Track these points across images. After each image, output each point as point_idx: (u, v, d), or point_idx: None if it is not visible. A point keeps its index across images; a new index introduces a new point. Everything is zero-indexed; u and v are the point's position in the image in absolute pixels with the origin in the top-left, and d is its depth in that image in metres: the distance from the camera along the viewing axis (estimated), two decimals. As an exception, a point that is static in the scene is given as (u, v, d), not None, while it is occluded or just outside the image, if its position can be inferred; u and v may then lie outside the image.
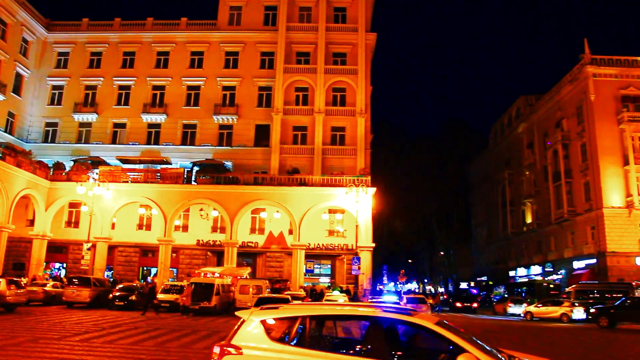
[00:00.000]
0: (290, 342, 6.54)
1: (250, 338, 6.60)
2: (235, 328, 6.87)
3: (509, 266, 67.62)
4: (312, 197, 43.33)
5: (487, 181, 77.77)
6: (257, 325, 6.68)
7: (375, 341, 6.35)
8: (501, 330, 26.68)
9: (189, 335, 19.27)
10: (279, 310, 7.01)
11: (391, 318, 6.67)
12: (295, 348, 6.42)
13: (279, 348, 6.44)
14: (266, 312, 6.95)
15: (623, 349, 20.06)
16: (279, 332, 6.73)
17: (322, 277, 47.39)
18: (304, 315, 6.78)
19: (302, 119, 48.91)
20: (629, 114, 47.45)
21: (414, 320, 6.58)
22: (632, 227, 46.04)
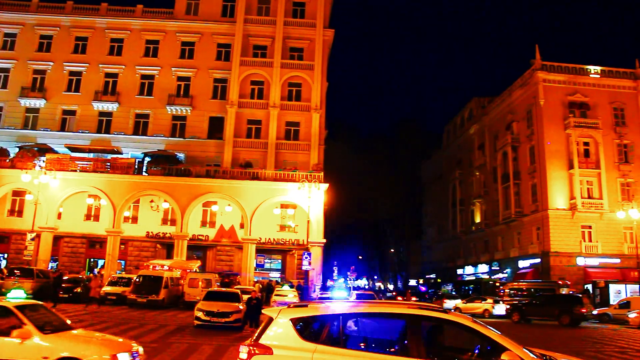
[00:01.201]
0: (323, 341, 6.34)
1: (281, 337, 6.41)
2: (262, 327, 6.70)
3: (458, 264, 69.13)
4: (264, 191, 43.34)
5: (439, 181, 79.19)
6: (286, 324, 6.48)
7: (413, 340, 6.20)
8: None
9: (135, 329, 19.13)
10: (308, 309, 6.88)
11: (429, 316, 6.55)
12: (329, 347, 6.26)
13: (312, 347, 6.22)
14: (296, 310, 6.78)
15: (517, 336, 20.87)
16: (311, 331, 6.54)
17: (273, 272, 47.44)
18: (336, 314, 6.63)
19: (257, 113, 48.75)
20: (575, 119, 49.09)
21: (454, 318, 6.56)
22: (575, 228, 47.76)
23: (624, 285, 45.95)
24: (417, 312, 6.53)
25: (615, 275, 46.38)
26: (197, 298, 26.22)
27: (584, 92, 50.60)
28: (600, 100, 50.59)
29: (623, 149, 50.14)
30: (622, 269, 46.43)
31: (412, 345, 6.13)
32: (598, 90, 50.91)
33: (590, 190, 48.63)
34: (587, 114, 50.02)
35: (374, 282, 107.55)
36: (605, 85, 51.12)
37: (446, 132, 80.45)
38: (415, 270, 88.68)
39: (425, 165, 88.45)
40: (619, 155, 49.87)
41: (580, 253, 47.18)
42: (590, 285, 46.22)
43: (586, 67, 51.55)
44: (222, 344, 16.54)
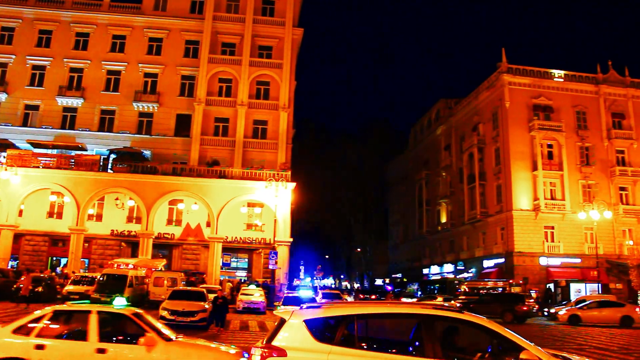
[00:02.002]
0: (338, 342, 6.27)
1: (294, 339, 6.32)
2: (275, 329, 6.59)
3: (423, 264, 69.72)
4: (231, 189, 43.13)
5: (406, 181, 79.74)
6: (300, 326, 6.40)
7: (428, 340, 6.18)
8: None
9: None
10: (322, 310, 6.77)
11: (444, 316, 6.54)
12: (344, 348, 6.19)
13: (327, 349, 6.16)
14: (309, 312, 6.69)
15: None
16: (325, 332, 6.46)
17: (239, 271, 47.24)
18: (350, 314, 6.55)
19: (225, 111, 48.47)
20: (539, 122, 50.02)
21: (469, 318, 6.54)
22: (538, 228, 48.68)
23: (584, 284, 47.22)
24: (432, 312, 6.53)
25: (576, 275, 47.47)
26: (162, 297, 25.96)
27: (548, 95, 51.62)
28: (563, 104, 51.67)
29: (585, 151, 51.28)
30: (583, 269, 47.48)
31: (427, 346, 6.13)
32: (561, 93, 51.98)
33: (553, 191, 49.64)
34: (551, 116, 51.05)
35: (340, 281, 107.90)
36: (568, 89, 52.22)
37: (413, 132, 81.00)
38: (381, 269, 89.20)
39: (392, 165, 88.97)
40: (580, 157, 51.01)
41: (543, 253, 48.10)
42: (552, 284, 47.21)
43: (550, 71, 52.58)
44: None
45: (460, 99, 62.85)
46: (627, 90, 53.19)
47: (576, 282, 47.40)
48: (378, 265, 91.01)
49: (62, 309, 9.50)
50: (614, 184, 51.03)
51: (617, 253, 48.62)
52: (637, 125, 52.74)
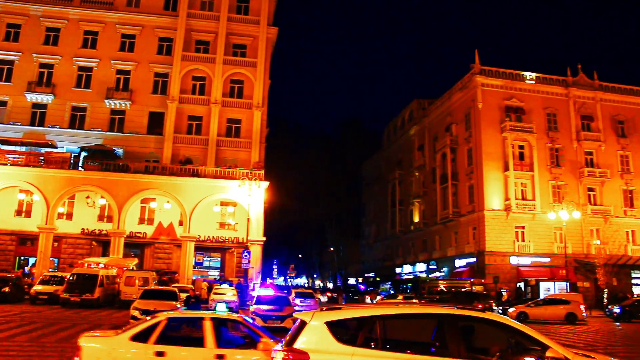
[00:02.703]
0: (360, 344, 6.21)
1: (317, 341, 6.22)
2: (295, 331, 6.51)
3: (396, 263, 70.10)
4: (204, 188, 42.90)
5: (379, 180, 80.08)
6: (321, 328, 6.30)
7: (452, 340, 6.15)
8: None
9: (67, 329, 18.54)
10: (343, 312, 6.70)
11: (467, 315, 6.53)
12: (367, 350, 6.14)
13: (350, 351, 6.09)
14: (330, 313, 6.60)
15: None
16: (347, 334, 6.38)
17: (212, 270, 46.99)
18: (372, 316, 6.47)
19: (198, 109, 48.15)
20: (510, 123, 50.65)
21: (492, 317, 6.54)
22: (509, 228, 49.31)
23: (553, 283, 48.01)
24: (456, 312, 6.51)
25: (545, 274, 48.22)
26: (134, 297, 25.68)
27: (519, 97, 52.31)
28: (534, 106, 52.43)
29: (555, 152, 52.10)
30: (552, 268, 48.25)
31: (452, 346, 6.10)
32: (533, 95, 52.73)
33: (524, 191, 50.32)
34: (523, 118, 51.75)
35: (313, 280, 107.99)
36: (539, 92, 53.00)
37: (387, 132, 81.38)
38: (354, 268, 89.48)
39: (366, 165, 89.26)
40: (551, 158, 51.81)
41: (513, 252, 48.74)
42: (523, 283, 47.91)
43: (522, 73, 53.29)
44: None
45: (434, 99, 63.29)
46: (596, 93, 54.22)
47: (545, 281, 48.14)
48: (351, 265, 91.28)
49: (177, 316, 9.56)
50: (583, 185, 51.97)
51: (585, 252, 49.50)
52: (605, 128, 53.82)
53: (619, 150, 54.18)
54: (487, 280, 47.14)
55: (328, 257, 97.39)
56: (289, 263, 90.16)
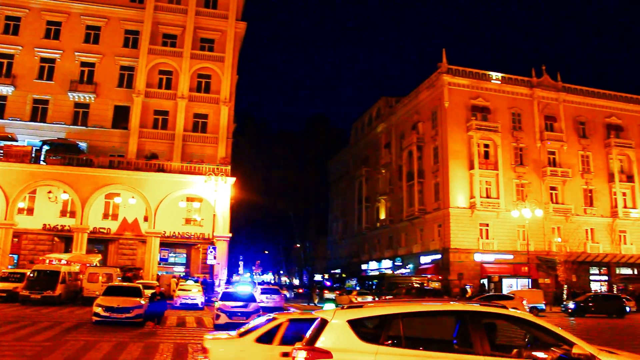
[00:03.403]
0: (384, 342, 6.09)
1: (339, 340, 6.10)
2: (316, 330, 6.41)
3: (362, 260, 70.47)
4: (170, 184, 42.46)
5: (346, 177, 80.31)
6: (343, 326, 6.18)
7: (476, 336, 6.06)
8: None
9: (27, 327, 18.16)
10: (365, 310, 6.59)
11: (491, 312, 6.48)
12: (392, 348, 6.02)
13: (373, 349, 5.98)
14: (352, 312, 6.49)
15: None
16: (369, 332, 6.28)
17: (177, 266, 46.44)
18: (395, 313, 6.35)
19: (165, 103, 47.54)
20: (476, 122, 51.34)
21: (516, 314, 6.50)
22: (473, 226, 50.02)
23: (515, 279, 48.93)
24: (479, 309, 6.49)
25: (509, 271, 49.14)
26: (97, 293, 25.23)
27: (485, 97, 53.05)
28: (500, 105, 53.25)
29: (519, 152, 53.03)
30: (515, 264, 49.26)
31: (476, 342, 6.02)
32: (498, 95, 53.56)
33: (488, 190, 51.09)
34: (488, 117, 52.52)
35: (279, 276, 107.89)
36: (504, 92, 53.86)
37: (354, 129, 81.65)
38: (321, 265, 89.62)
39: (333, 162, 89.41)
40: (515, 157, 52.71)
41: (478, 249, 49.47)
42: (486, 279, 48.64)
43: (488, 73, 54.06)
44: (122, 340, 16.03)
45: (401, 97, 63.70)
46: (559, 95, 55.36)
47: (509, 278, 49.02)
48: (317, 261, 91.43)
49: (297, 317, 9.62)
50: (545, 184, 53.04)
51: (546, 250, 50.53)
52: (567, 128, 55.01)
53: (580, 150, 55.51)
54: (451, 277, 47.81)
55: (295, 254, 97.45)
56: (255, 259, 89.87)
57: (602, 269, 52.53)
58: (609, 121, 57.24)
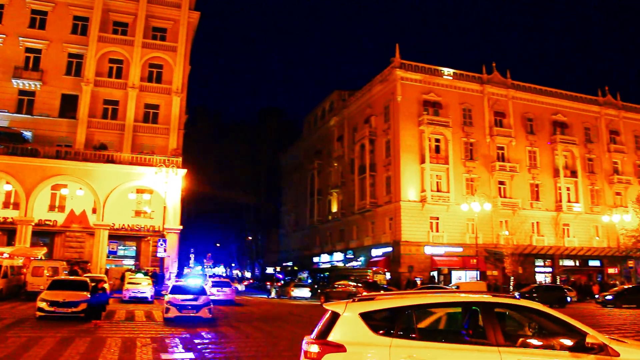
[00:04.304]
0: (397, 334, 6.04)
1: (352, 333, 6.04)
2: (327, 323, 6.32)
3: (314, 252, 70.67)
4: (119, 175, 41.60)
5: (298, 170, 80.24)
6: (355, 319, 6.13)
7: (489, 327, 6.03)
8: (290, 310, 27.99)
9: (-34, 322, 17.50)
10: (377, 302, 6.50)
11: (503, 302, 6.48)
12: (405, 340, 5.97)
13: (387, 342, 5.92)
14: (364, 304, 6.41)
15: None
16: (382, 325, 6.22)
17: (127, 259, 45.54)
18: (408, 305, 6.31)
19: (115, 93, 46.42)
20: (428, 117, 52.00)
21: (528, 304, 6.47)
22: (424, 219, 50.71)
23: (464, 271, 50.14)
24: (491, 300, 6.46)
25: (458, 263, 50.17)
26: (41, 288, 24.55)
27: (437, 92, 53.76)
28: (451, 101, 54.08)
29: (469, 146, 54.03)
30: (464, 257, 50.27)
31: (489, 333, 5.99)
32: (450, 91, 54.38)
33: (439, 183, 51.88)
34: (440, 112, 53.25)
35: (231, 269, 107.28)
36: (456, 87, 54.72)
37: (307, 122, 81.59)
38: (273, 258, 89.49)
39: (286, 155, 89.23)
40: (465, 152, 53.68)
41: (428, 242, 50.20)
42: (436, 272, 49.53)
43: (440, 68, 54.80)
44: (67, 335, 15.63)
45: (354, 91, 63.94)
46: (508, 91, 56.65)
47: (458, 270, 50.19)
48: (270, 254, 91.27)
49: None
50: (494, 178, 54.23)
51: (494, 243, 51.70)
52: (515, 124, 56.36)
53: (528, 146, 57.03)
54: (402, 269, 48.43)
55: (247, 246, 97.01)
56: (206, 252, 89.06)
57: (546, 260, 54.15)
58: (555, 118, 59.01)
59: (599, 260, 56.24)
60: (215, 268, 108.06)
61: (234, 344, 15.54)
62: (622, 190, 60.48)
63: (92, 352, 13.11)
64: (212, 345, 15.09)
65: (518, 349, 5.93)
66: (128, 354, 13.01)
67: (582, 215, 57.41)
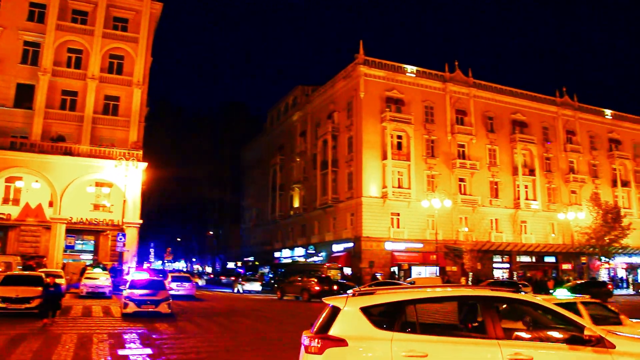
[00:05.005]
0: (399, 328, 6.07)
1: (353, 328, 6.05)
2: (327, 318, 6.28)
3: (275, 247, 70.53)
4: (78, 168, 40.73)
5: (261, 165, 79.92)
6: (356, 314, 6.13)
7: (489, 321, 6.10)
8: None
9: None
10: (377, 297, 6.49)
11: (502, 297, 6.51)
12: (406, 334, 6.01)
13: (388, 336, 5.94)
14: (364, 299, 6.38)
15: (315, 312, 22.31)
16: (383, 319, 6.23)
17: (85, 254, 44.66)
18: (408, 300, 6.34)
19: (74, 84, 45.29)
20: (390, 113, 52.36)
21: (527, 298, 6.59)
22: (385, 215, 51.10)
23: (424, 267, 50.78)
24: (491, 294, 6.51)
25: (418, 259, 50.79)
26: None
27: (400, 89, 54.18)
28: (414, 98, 54.56)
29: (430, 144, 54.64)
30: (424, 253, 50.90)
31: (489, 326, 6.07)
32: (413, 88, 54.86)
33: (400, 180, 52.32)
34: (402, 109, 53.68)
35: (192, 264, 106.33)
36: (419, 85, 55.24)
37: (270, 117, 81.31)
38: (234, 253, 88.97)
39: (248, 149, 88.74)
40: (426, 149, 54.27)
41: (389, 238, 50.63)
42: (396, 267, 50.02)
43: (404, 66, 55.22)
44: (20, 332, 15.27)
45: (318, 86, 63.92)
46: (470, 90, 57.50)
47: (418, 266, 50.80)
48: (231, 249, 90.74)
49: None
50: (455, 175, 55.00)
51: (454, 239, 52.48)
52: (476, 122, 57.25)
53: (488, 144, 58.02)
54: (363, 265, 48.75)
55: (208, 241, 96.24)
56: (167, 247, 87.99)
57: (504, 257, 55.27)
58: (515, 117, 60.20)
59: (554, 257, 57.72)
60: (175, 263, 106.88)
61: (194, 339, 15.40)
62: (577, 189, 62.20)
63: (46, 349, 12.82)
64: (171, 340, 14.93)
65: (517, 342, 6.06)
66: (84, 351, 12.75)
67: (539, 213, 58.77)
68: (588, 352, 5.92)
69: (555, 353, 5.96)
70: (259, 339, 15.72)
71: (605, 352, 5.92)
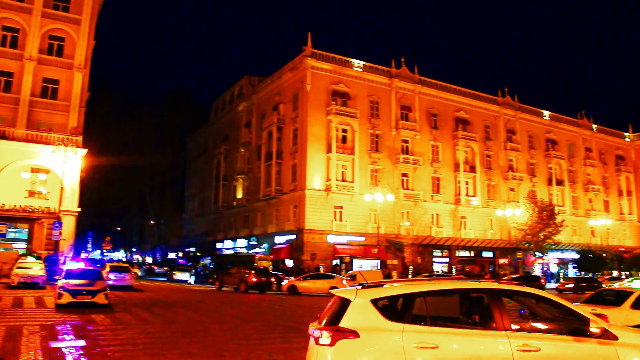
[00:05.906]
0: (409, 320, 6.10)
1: (364, 320, 6.04)
2: (337, 310, 6.23)
3: (217, 238, 69.88)
4: (12, 152, 39.22)
5: (204, 155, 78.98)
6: (367, 305, 6.13)
7: (497, 313, 6.23)
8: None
9: None
10: (387, 289, 6.54)
11: (509, 289, 6.65)
12: (417, 326, 6.05)
13: (399, 327, 5.96)
14: (374, 291, 6.38)
15: (253, 303, 22.39)
16: (394, 311, 6.27)
17: (17, 243, 42.87)
18: (418, 292, 6.42)
19: (9, 64, 43.31)
20: (336, 107, 52.56)
21: (534, 291, 6.74)
22: (328, 207, 51.35)
23: (366, 260, 51.37)
24: (498, 287, 6.65)
25: (360, 252, 51.35)
26: None
27: (347, 83, 54.45)
28: (360, 93, 54.95)
29: (375, 138, 55.19)
30: (366, 246, 51.51)
31: (497, 318, 6.20)
32: (359, 83, 55.24)
33: (344, 173, 52.64)
34: (348, 103, 53.97)
35: (132, 254, 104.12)
36: (365, 79, 55.65)
37: (215, 107, 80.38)
38: (175, 243, 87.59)
39: (192, 138, 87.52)
40: (371, 143, 54.79)
41: (331, 231, 50.94)
42: (338, 260, 50.40)
43: (351, 60, 55.49)
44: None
45: (264, 77, 63.53)
46: (415, 86, 58.36)
47: (359, 259, 51.33)
48: (172, 239, 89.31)
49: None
50: (398, 170, 55.77)
51: (395, 233, 53.28)
52: (421, 119, 58.19)
53: (431, 140, 59.11)
54: (305, 257, 48.90)
55: (148, 231, 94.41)
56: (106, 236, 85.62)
57: (444, 251, 56.53)
58: (458, 115, 61.54)
59: (491, 252, 59.56)
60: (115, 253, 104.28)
61: (131, 330, 15.08)
62: (515, 186, 64.25)
63: (-29, 340, 12.27)
64: (107, 331, 14.56)
65: (525, 334, 6.26)
66: (12, 343, 12.23)
67: (479, 209, 60.39)
68: (593, 344, 6.21)
69: (562, 344, 6.22)
70: (199, 330, 15.56)
71: (608, 343, 6.23)
